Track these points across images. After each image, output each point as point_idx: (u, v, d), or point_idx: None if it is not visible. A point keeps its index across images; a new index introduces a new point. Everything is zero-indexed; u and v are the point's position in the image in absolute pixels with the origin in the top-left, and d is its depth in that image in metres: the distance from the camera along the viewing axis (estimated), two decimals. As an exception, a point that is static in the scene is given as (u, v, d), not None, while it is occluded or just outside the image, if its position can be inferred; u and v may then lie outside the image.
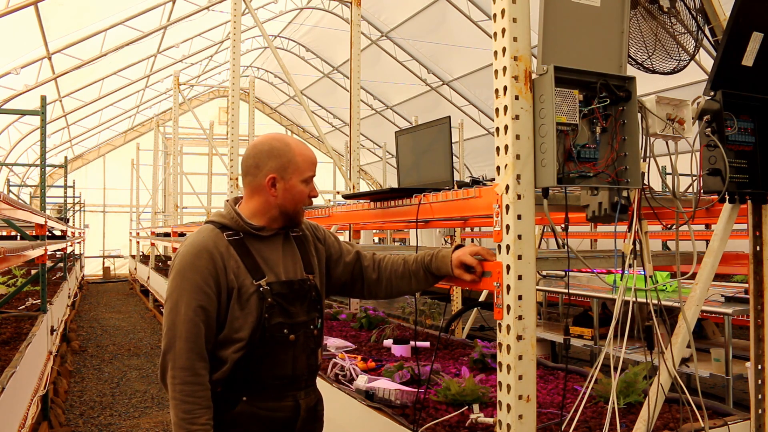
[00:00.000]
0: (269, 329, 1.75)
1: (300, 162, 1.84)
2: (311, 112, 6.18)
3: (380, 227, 10.41)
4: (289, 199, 1.84)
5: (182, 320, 1.70)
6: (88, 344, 9.05)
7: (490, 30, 1.66)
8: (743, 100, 1.98)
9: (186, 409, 1.66)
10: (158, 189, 16.49)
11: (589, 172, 1.65)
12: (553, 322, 7.19)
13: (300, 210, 1.88)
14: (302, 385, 1.85)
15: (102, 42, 11.11)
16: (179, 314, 1.70)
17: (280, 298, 1.79)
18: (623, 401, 2.37)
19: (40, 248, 4.88)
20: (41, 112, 5.74)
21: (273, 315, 1.76)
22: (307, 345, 1.85)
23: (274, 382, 1.78)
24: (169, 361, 1.70)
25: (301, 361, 1.83)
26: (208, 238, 1.79)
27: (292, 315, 1.81)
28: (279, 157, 1.83)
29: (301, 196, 1.85)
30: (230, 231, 1.82)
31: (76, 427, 5.28)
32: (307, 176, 1.85)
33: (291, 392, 1.82)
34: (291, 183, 1.83)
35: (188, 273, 1.73)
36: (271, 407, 1.78)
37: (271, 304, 1.76)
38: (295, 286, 1.84)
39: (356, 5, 5.27)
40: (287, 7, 15.07)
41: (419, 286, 2.01)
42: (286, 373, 1.79)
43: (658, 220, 1.96)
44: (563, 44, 1.65)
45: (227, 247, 1.78)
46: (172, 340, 1.70)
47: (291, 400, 1.81)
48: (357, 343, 3.77)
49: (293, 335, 1.80)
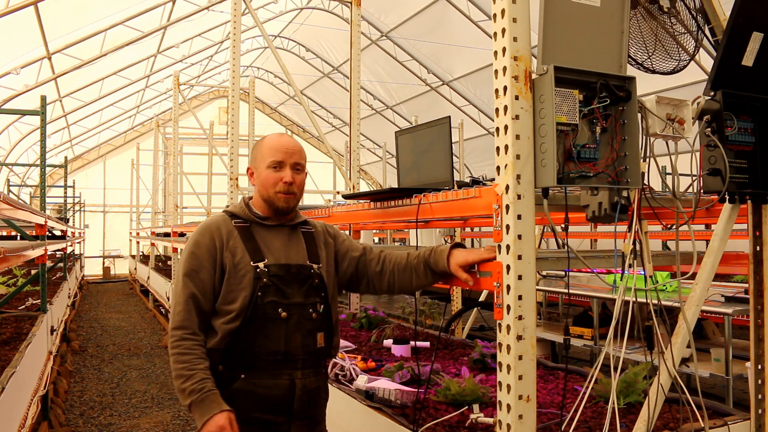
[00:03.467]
0: (261, 306, 1.90)
1: (264, 150, 2.02)
2: (311, 112, 6.18)
3: (380, 227, 10.40)
4: (261, 185, 2.03)
5: (181, 288, 1.92)
6: (88, 344, 9.05)
7: (490, 30, 1.66)
8: (743, 100, 1.98)
9: (184, 360, 1.83)
10: (158, 189, 16.48)
11: (589, 172, 1.65)
12: (553, 322, 7.18)
13: (274, 195, 1.99)
14: (298, 365, 1.94)
15: (102, 42, 11.10)
16: (179, 283, 1.93)
17: (276, 279, 1.94)
18: (623, 401, 2.37)
19: (40, 248, 4.88)
20: (41, 112, 5.74)
21: (267, 294, 1.91)
22: (302, 325, 1.95)
23: (269, 357, 1.90)
24: (170, 325, 1.91)
25: (295, 339, 1.93)
26: (214, 221, 2.03)
27: (287, 296, 1.94)
28: (254, 151, 2.09)
29: (268, 180, 2.00)
30: (239, 219, 2.03)
31: (76, 427, 5.28)
32: (269, 161, 2.00)
33: (286, 371, 1.92)
34: (260, 170, 2.03)
35: (191, 248, 1.96)
36: (267, 384, 1.90)
37: (266, 284, 1.91)
38: (292, 270, 1.98)
39: (356, 5, 5.27)
40: (287, 7, 15.06)
41: (419, 281, 2.07)
42: (279, 349, 1.91)
43: (658, 220, 1.96)
44: (563, 44, 1.65)
45: (231, 231, 1.99)
46: (175, 306, 1.92)
47: (287, 379, 1.92)
48: (357, 343, 3.78)
49: (286, 313, 1.93)
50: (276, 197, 1.99)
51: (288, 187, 1.99)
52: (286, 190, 1.99)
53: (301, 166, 2.05)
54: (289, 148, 2.01)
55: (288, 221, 2.08)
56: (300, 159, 2.04)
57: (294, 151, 2.02)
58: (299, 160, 2.03)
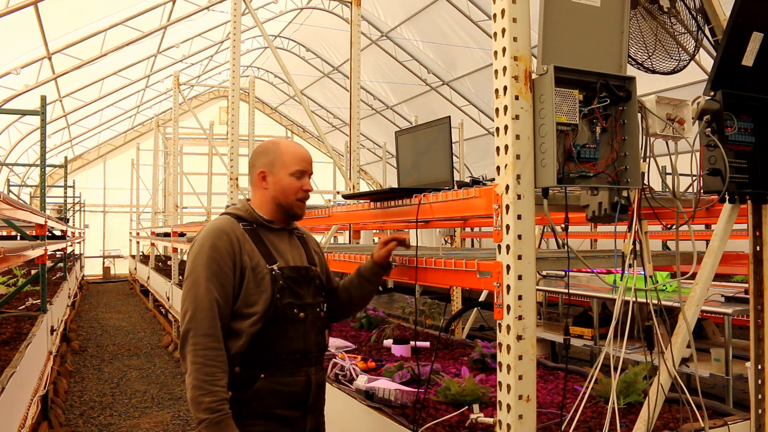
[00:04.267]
0: (281, 308, 1.95)
1: (286, 157, 2.06)
2: (311, 112, 6.17)
3: (380, 227, 10.39)
4: (279, 191, 2.05)
5: (204, 293, 1.87)
6: (88, 344, 9.05)
7: (490, 30, 1.65)
8: (743, 100, 1.98)
9: (208, 372, 1.80)
10: (158, 189, 16.48)
11: (589, 172, 1.65)
12: (553, 322, 7.18)
13: (293, 202, 2.08)
14: (312, 362, 2.03)
15: (102, 42, 11.10)
16: (200, 288, 1.88)
17: (290, 281, 2.00)
18: (623, 401, 2.37)
19: (40, 248, 4.88)
20: (41, 112, 5.74)
21: (284, 295, 1.96)
22: (315, 324, 2.05)
23: (288, 356, 1.96)
24: (191, 330, 1.85)
25: (310, 338, 2.02)
26: (226, 223, 2.01)
27: (300, 296, 2.02)
28: (268, 155, 2.08)
29: (291, 187, 2.06)
30: (245, 222, 2.05)
31: (76, 427, 5.28)
32: (293, 170, 2.05)
33: (303, 368, 2.00)
34: (278, 176, 2.05)
35: (209, 251, 1.92)
36: (287, 382, 1.95)
37: (282, 286, 1.96)
38: (302, 272, 2.06)
39: (356, 5, 5.27)
40: (287, 7, 15.07)
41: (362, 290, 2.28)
42: (298, 347, 1.98)
43: (658, 220, 1.96)
44: (563, 44, 1.65)
45: (243, 234, 2.00)
46: (195, 312, 1.86)
47: (304, 375, 1.99)
48: (357, 343, 3.78)
49: (303, 314, 2.00)
50: (296, 205, 2.08)
51: (306, 195, 2.10)
52: (304, 198, 2.10)
53: None
54: (309, 159, 2.12)
55: (287, 226, 2.15)
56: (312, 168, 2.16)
57: (311, 161, 2.13)
58: (312, 169, 2.16)
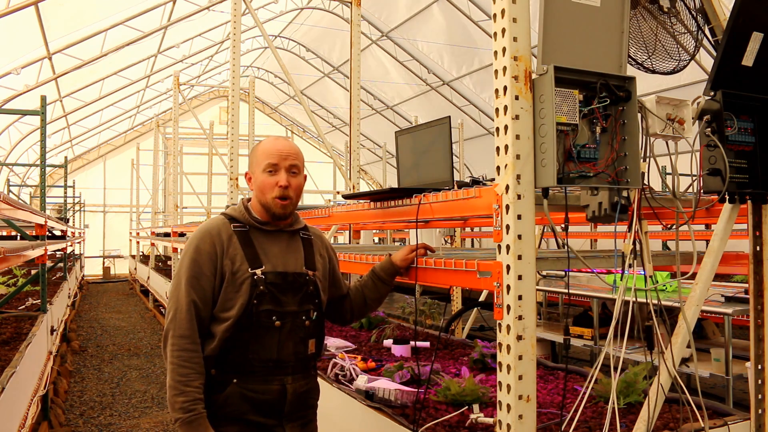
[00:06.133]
0: (256, 314, 1.90)
1: (259, 154, 2.01)
2: (311, 112, 6.17)
3: (380, 227, 10.40)
4: (258, 190, 2.01)
5: (183, 294, 1.89)
6: (88, 344, 9.05)
7: (490, 30, 1.65)
8: (743, 100, 1.98)
9: (182, 372, 1.84)
10: (158, 189, 16.48)
11: (589, 172, 1.65)
12: (553, 322, 7.18)
13: (271, 200, 1.97)
14: (289, 371, 1.96)
15: (102, 42, 11.10)
16: (181, 289, 1.90)
17: (272, 286, 1.94)
18: (623, 401, 2.37)
19: (40, 248, 4.88)
20: (41, 112, 5.74)
21: (262, 302, 1.91)
22: (295, 333, 1.97)
23: (260, 364, 1.91)
24: (171, 330, 1.88)
25: (287, 347, 1.95)
26: (215, 225, 2.00)
27: (282, 304, 1.95)
28: (251, 157, 2.07)
29: (265, 184, 1.98)
30: (238, 223, 2.00)
31: (76, 427, 5.28)
32: (263, 165, 1.98)
33: (278, 376, 1.93)
34: (256, 175, 2.02)
35: (192, 253, 1.93)
36: (259, 389, 1.91)
37: (262, 292, 1.91)
38: (289, 278, 1.98)
39: (356, 5, 5.27)
40: (287, 7, 15.06)
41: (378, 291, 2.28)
42: (271, 357, 1.92)
43: (658, 220, 1.96)
44: (563, 44, 1.65)
45: (231, 236, 1.96)
46: (175, 313, 1.89)
47: (278, 384, 1.93)
48: (357, 343, 3.78)
49: (279, 322, 1.93)
50: (273, 203, 1.97)
51: (283, 191, 1.96)
52: (281, 195, 1.96)
53: (298, 169, 2.01)
54: (283, 151, 1.98)
55: (287, 226, 2.06)
56: (296, 161, 2.00)
57: (289, 153, 1.99)
58: (295, 162, 2.00)
